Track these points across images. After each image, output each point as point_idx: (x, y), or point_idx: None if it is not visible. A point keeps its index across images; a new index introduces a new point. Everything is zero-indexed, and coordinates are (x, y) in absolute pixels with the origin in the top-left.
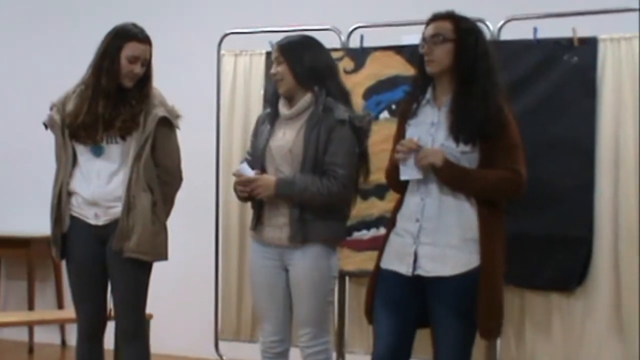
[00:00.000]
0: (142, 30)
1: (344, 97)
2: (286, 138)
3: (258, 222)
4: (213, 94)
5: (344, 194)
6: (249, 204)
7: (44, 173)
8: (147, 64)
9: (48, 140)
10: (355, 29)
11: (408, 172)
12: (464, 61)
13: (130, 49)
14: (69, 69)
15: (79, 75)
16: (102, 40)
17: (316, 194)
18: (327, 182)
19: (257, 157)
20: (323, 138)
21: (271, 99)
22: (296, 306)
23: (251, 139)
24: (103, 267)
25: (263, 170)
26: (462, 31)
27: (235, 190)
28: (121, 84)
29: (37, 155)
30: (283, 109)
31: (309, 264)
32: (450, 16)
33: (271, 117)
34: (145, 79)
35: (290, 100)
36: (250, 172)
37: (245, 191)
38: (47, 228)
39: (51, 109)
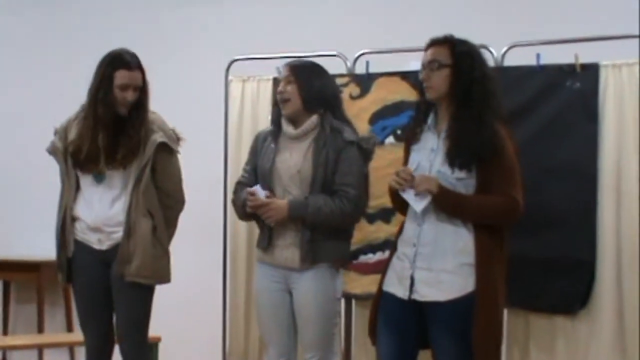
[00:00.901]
0: (133, 57)
1: (348, 124)
2: (294, 159)
3: (269, 243)
4: (221, 119)
5: (356, 214)
6: (254, 225)
7: (53, 198)
8: (141, 90)
9: (56, 165)
10: (361, 55)
11: (418, 203)
12: (460, 86)
13: (119, 78)
14: (74, 94)
15: (82, 100)
16: (96, 68)
17: (329, 215)
18: (339, 203)
19: (263, 177)
20: (332, 158)
21: (275, 117)
22: (302, 330)
23: (249, 156)
24: (108, 290)
25: (270, 190)
26: (458, 55)
27: (237, 206)
28: (117, 112)
29: (46, 180)
30: (288, 128)
31: (315, 286)
32: (447, 41)
33: (274, 134)
34: (139, 106)
35: (294, 123)
36: (262, 195)
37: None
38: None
39: (55, 134)
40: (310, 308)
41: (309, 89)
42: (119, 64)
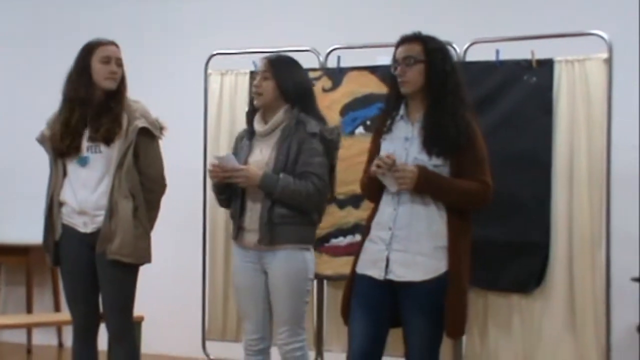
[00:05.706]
0: (106, 38)
1: (321, 120)
2: (263, 154)
3: (239, 229)
4: (201, 111)
5: (319, 198)
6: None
7: (41, 185)
8: (121, 65)
9: (44, 154)
10: (333, 50)
11: (394, 185)
12: (434, 80)
13: (100, 52)
14: (60, 87)
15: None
16: (75, 58)
17: (296, 192)
18: (305, 184)
19: None
20: (294, 149)
21: (248, 116)
22: (275, 307)
23: None
24: (93, 271)
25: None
26: (430, 51)
27: (211, 173)
28: (104, 89)
29: (35, 167)
30: (258, 126)
31: (286, 266)
32: (418, 38)
33: (249, 133)
34: (121, 80)
35: (265, 115)
36: (235, 163)
37: (224, 176)
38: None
39: (46, 124)
40: (282, 286)
41: (286, 84)
42: (94, 45)
